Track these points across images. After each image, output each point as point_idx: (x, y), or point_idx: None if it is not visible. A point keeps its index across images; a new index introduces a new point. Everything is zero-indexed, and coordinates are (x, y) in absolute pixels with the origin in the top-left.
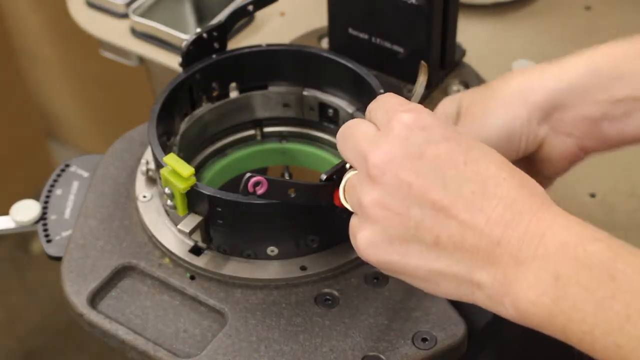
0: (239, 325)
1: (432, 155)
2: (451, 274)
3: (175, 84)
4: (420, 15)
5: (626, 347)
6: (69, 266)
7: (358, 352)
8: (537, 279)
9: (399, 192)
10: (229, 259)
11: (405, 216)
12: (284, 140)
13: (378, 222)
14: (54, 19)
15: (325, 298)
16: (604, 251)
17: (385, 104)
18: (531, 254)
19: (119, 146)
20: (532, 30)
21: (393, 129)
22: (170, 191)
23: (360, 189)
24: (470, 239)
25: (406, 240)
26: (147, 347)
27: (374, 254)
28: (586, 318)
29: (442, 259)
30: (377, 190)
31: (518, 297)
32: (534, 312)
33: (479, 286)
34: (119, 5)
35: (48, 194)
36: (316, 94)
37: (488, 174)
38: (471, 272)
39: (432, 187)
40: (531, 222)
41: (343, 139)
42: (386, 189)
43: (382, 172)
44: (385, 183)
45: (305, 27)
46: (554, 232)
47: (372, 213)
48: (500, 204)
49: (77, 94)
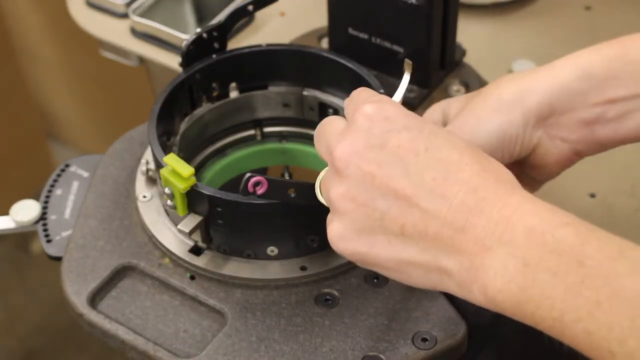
0: (239, 325)
1: (394, 144)
2: (419, 263)
3: (175, 84)
4: (420, 15)
5: (596, 334)
6: (69, 266)
7: (358, 352)
8: (505, 266)
9: (363, 184)
10: (229, 259)
11: (371, 207)
12: (284, 140)
13: (346, 214)
14: (54, 19)
15: (325, 298)
16: (572, 236)
17: (353, 98)
18: (497, 240)
19: (119, 146)
20: (532, 30)
21: (356, 121)
22: (170, 191)
23: (329, 184)
24: (434, 226)
25: (373, 231)
26: (147, 347)
27: (344, 246)
28: (555, 304)
29: (409, 248)
30: (342, 183)
31: (486, 284)
32: (503, 299)
33: (447, 274)
34: (119, 5)
35: (48, 194)
36: (316, 94)
37: (450, 160)
38: (437, 260)
39: (394, 176)
40: (495, 207)
41: (317, 135)
42: (351, 181)
43: (346, 164)
44: (349, 176)
45: (305, 27)
46: (520, 217)
47: (340, 206)
48: (462, 190)
49: (77, 94)
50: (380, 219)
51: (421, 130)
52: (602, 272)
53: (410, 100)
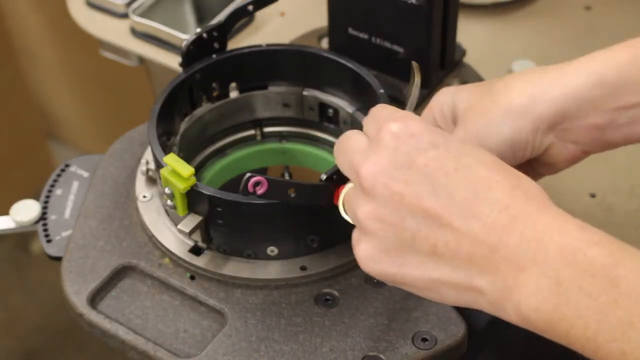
0: (239, 325)
1: (421, 163)
2: (451, 282)
3: (175, 84)
4: (420, 15)
5: (630, 355)
6: (69, 266)
7: (358, 352)
8: (538, 286)
9: (391, 203)
10: (229, 259)
11: (400, 227)
12: (284, 140)
13: (374, 234)
14: (54, 19)
15: (325, 298)
16: (604, 256)
17: (376, 115)
18: (530, 260)
19: (119, 146)
20: (532, 30)
21: (382, 139)
22: (170, 191)
23: (355, 203)
24: (466, 246)
25: (403, 251)
26: (147, 347)
27: (373, 267)
28: (589, 324)
29: (440, 268)
30: (370, 203)
31: (519, 303)
32: (536, 318)
33: (480, 293)
34: (119, 5)
35: (48, 194)
36: (316, 94)
37: (479, 178)
38: (470, 279)
39: (424, 195)
40: (527, 226)
41: (337, 152)
42: (378, 201)
43: (373, 184)
44: (377, 195)
45: (305, 27)
46: (551, 237)
47: (368, 226)
48: (494, 209)
49: (77, 94)
50: (410, 238)
51: (448, 149)
52: (635, 292)
53: None
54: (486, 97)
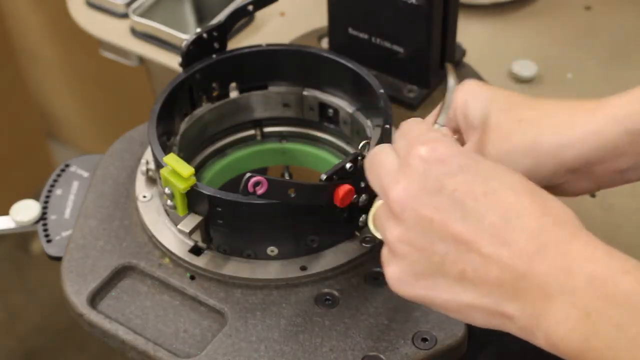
0: (239, 325)
1: (451, 188)
2: (479, 307)
3: (175, 84)
4: (420, 15)
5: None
6: (69, 266)
7: (358, 352)
8: (567, 316)
9: (420, 228)
10: (229, 259)
11: (429, 251)
12: (284, 140)
13: (404, 258)
14: (54, 19)
15: (325, 298)
16: (634, 286)
17: (406, 133)
18: (559, 289)
19: (119, 146)
20: (532, 30)
21: (410, 164)
22: (170, 191)
23: (385, 224)
24: (495, 272)
25: (432, 275)
26: (147, 347)
27: (403, 289)
28: (618, 356)
29: (469, 292)
30: (399, 226)
31: (548, 332)
32: (566, 347)
33: (509, 318)
34: (119, 5)
35: (48, 194)
36: (316, 94)
37: (508, 203)
38: (499, 305)
39: (453, 221)
40: (556, 255)
41: (368, 169)
42: (408, 225)
43: (402, 208)
44: (406, 219)
45: (305, 27)
46: (580, 265)
47: (397, 248)
48: (522, 236)
49: (77, 94)
50: (440, 262)
51: (477, 173)
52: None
53: (410, 101)
54: (515, 124)
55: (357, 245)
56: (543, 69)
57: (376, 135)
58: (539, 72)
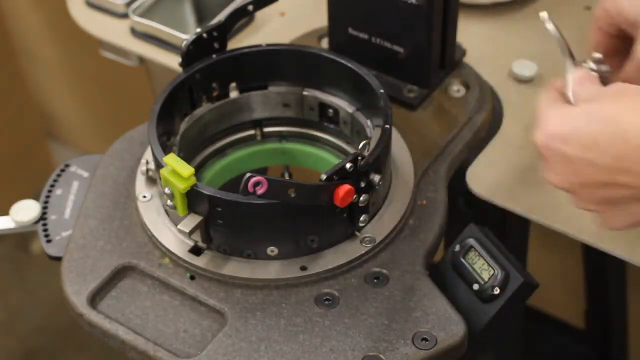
0: (239, 325)
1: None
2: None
3: (175, 84)
4: (420, 15)
5: None
6: (69, 266)
7: (358, 352)
8: None
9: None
10: (229, 259)
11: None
12: (284, 140)
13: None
14: (54, 19)
15: (325, 298)
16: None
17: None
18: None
19: (119, 146)
20: (532, 30)
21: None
22: (170, 191)
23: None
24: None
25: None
26: (147, 347)
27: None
28: None
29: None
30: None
31: None
32: None
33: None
34: (119, 5)
35: (48, 194)
36: (316, 94)
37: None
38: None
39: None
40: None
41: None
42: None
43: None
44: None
45: (305, 27)
46: None
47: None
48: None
49: (77, 94)
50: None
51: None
52: None
53: (410, 101)
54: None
55: (357, 245)
56: (543, 69)
57: (376, 135)
58: (539, 72)
